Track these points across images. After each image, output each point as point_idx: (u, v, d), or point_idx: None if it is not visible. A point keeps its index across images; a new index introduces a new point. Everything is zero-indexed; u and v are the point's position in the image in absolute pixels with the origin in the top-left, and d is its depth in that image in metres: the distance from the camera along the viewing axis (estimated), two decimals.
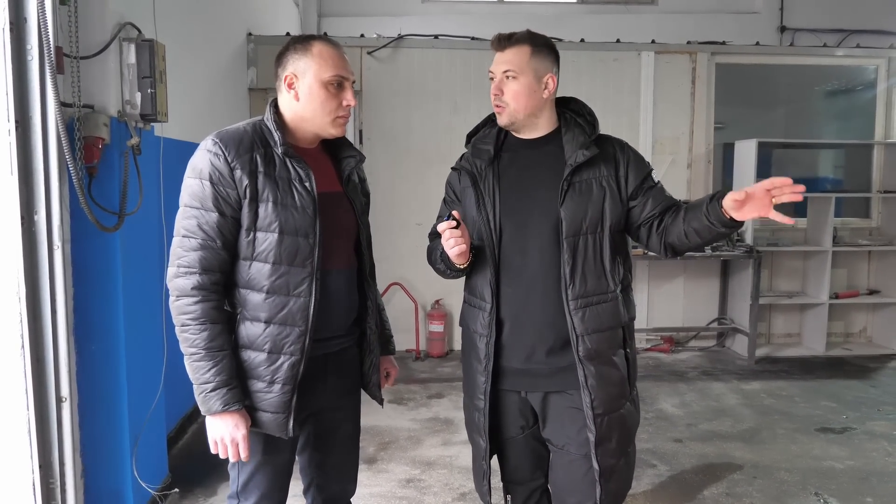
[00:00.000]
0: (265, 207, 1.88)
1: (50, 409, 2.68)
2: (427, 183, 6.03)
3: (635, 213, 2.17)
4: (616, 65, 6.38)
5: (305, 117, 1.98)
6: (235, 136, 1.91)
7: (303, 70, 1.95)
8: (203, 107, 4.68)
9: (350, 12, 8.28)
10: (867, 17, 8.13)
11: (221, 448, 1.91)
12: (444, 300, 6.25)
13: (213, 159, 1.86)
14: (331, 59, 1.95)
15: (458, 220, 2.01)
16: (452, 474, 3.82)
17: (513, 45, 2.10)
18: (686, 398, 5.13)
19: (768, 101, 7.13)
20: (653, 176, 2.21)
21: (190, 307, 1.85)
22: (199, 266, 1.85)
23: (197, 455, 4.02)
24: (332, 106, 1.96)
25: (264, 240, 1.89)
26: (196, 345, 1.85)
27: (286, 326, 1.91)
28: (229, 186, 1.86)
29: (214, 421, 1.89)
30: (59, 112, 2.53)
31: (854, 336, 6.81)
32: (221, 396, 1.85)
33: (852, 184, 7.02)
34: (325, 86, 1.94)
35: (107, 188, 2.98)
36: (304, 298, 1.91)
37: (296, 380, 1.93)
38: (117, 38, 2.99)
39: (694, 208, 2.06)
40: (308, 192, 1.92)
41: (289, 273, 1.90)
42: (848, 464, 3.96)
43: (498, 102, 2.13)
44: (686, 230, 2.07)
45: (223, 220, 1.87)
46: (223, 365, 1.86)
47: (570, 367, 2.11)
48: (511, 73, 2.09)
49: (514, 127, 2.17)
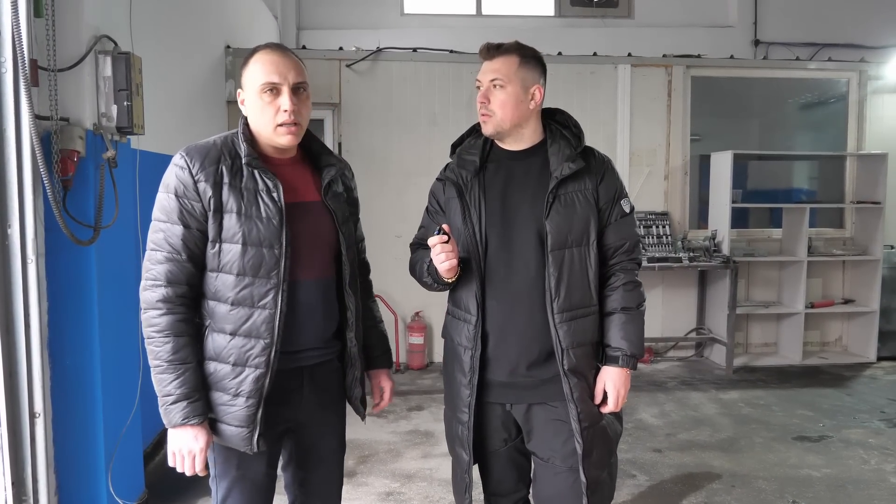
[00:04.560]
0: (229, 218, 1.87)
1: (23, 424, 2.65)
2: (406, 195, 6.05)
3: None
4: (593, 78, 6.44)
5: (257, 129, 1.97)
6: (203, 149, 1.91)
7: (244, 83, 1.96)
8: (181, 119, 4.66)
9: (329, 25, 8.30)
10: (838, 31, 8.30)
11: (179, 460, 1.91)
12: (424, 312, 6.25)
13: (179, 172, 1.87)
14: (262, 67, 1.91)
15: (448, 234, 2.00)
16: (432, 487, 3.81)
17: (501, 54, 2.10)
18: (665, 408, 5.16)
19: (742, 113, 7.23)
20: (622, 205, 2.19)
21: (155, 319, 1.85)
22: (164, 279, 1.85)
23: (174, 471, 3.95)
24: (269, 114, 1.92)
25: (228, 251, 1.88)
26: (159, 357, 1.84)
27: (251, 339, 1.89)
28: (194, 199, 1.86)
29: (175, 433, 1.88)
30: (34, 125, 2.52)
31: (830, 345, 6.89)
32: (182, 409, 1.84)
33: (826, 194, 7.13)
34: (259, 95, 1.92)
35: (82, 201, 2.96)
36: (270, 310, 1.89)
37: (261, 393, 1.90)
38: (93, 51, 2.98)
39: (606, 329, 2.18)
40: (274, 202, 1.90)
41: (253, 284, 1.88)
42: (825, 472, 3.99)
43: (484, 111, 2.11)
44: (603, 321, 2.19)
45: (188, 233, 1.86)
46: (185, 378, 1.85)
47: (553, 380, 2.11)
48: (498, 81, 2.08)
49: (498, 136, 2.16)
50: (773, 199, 7.09)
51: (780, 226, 6.67)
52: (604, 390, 2.15)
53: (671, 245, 6.35)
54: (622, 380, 2.14)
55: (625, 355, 2.13)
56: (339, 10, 8.46)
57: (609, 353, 2.16)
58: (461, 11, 8.82)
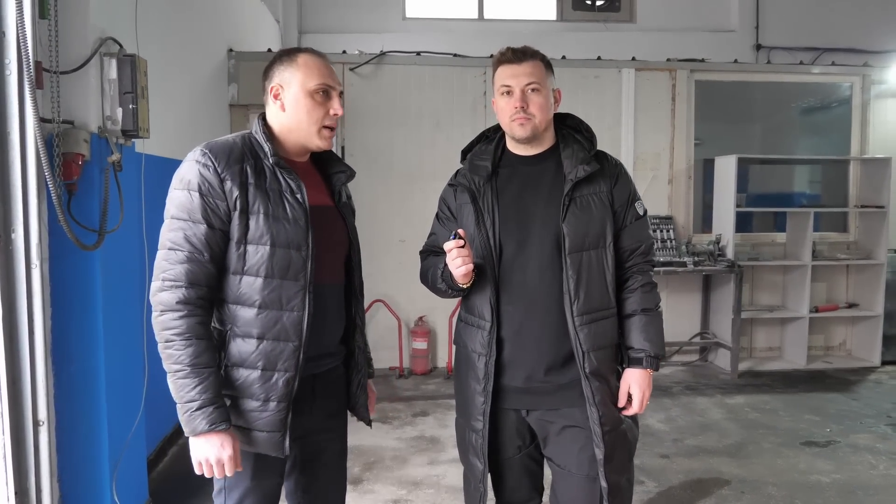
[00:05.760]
0: (256, 220, 1.83)
1: (27, 433, 2.61)
2: (410, 199, 6.02)
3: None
4: (597, 81, 6.42)
5: (292, 128, 1.94)
6: (225, 147, 1.86)
7: (288, 80, 1.92)
8: (184, 123, 4.63)
9: (331, 29, 8.29)
10: (840, 35, 8.30)
11: (207, 469, 1.83)
12: (428, 317, 6.21)
13: (203, 170, 1.81)
14: (316, 69, 1.93)
15: (464, 239, 1.99)
16: (440, 494, 3.76)
17: (530, 58, 2.11)
18: (671, 413, 5.12)
19: (744, 117, 7.22)
20: (636, 207, 2.20)
21: (174, 322, 1.78)
22: (185, 279, 1.79)
23: (178, 478, 3.93)
24: (319, 115, 1.93)
25: (255, 253, 1.84)
26: (181, 361, 1.77)
27: (280, 342, 1.86)
28: (219, 198, 1.81)
29: (199, 441, 1.81)
30: (38, 128, 2.48)
31: (834, 349, 6.86)
32: (207, 415, 1.78)
33: (829, 199, 7.10)
34: (311, 95, 1.91)
35: (87, 205, 2.92)
36: (298, 312, 1.86)
37: (290, 396, 1.88)
38: (98, 53, 2.95)
39: (627, 331, 2.19)
40: (300, 203, 1.88)
41: (281, 287, 1.85)
42: (834, 477, 3.96)
43: (522, 115, 2.09)
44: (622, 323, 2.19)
45: (211, 233, 1.81)
46: (209, 382, 1.79)
47: (570, 385, 2.10)
48: (535, 85, 2.09)
49: (532, 140, 2.15)
50: (776, 204, 7.07)
51: (785, 230, 6.65)
52: (628, 392, 2.14)
53: (675, 249, 6.32)
54: (646, 381, 2.15)
55: (648, 356, 2.14)
56: (341, 14, 8.45)
57: (632, 355, 2.15)
58: (463, 16, 8.80)
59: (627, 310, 2.18)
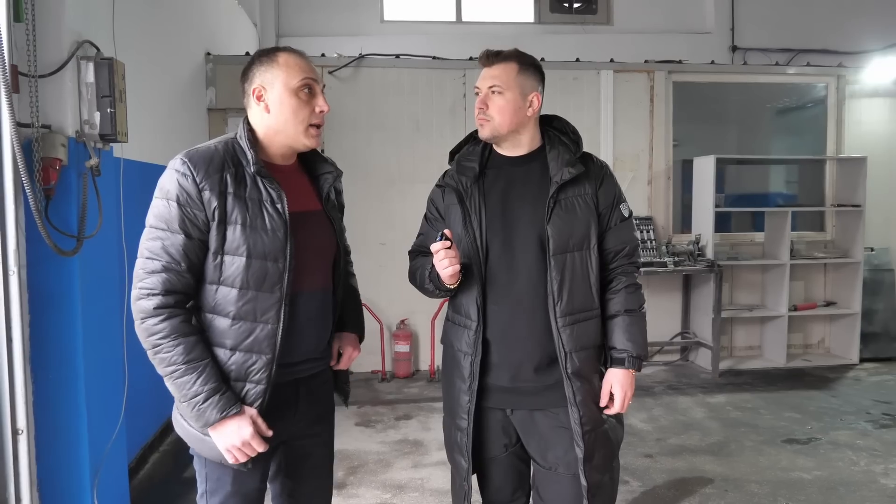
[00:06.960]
0: (233, 230, 1.81)
1: (5, 441, 2.58)
2: (390, 202, 6.02)
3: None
4: (576, 83, 6.45)
5: (278, 129, 1.92)
6: (205, 156, 1.84)
7: (270, 81, 1.89)
8: (162, 127, 4.58)
9: (308, 32, 8.26)
10: (814, 37, 8.40)
11: (237, 454, 1.82)
12: (410, 320, 6.19)
13: (181, 179, 1.79)
14: (297, 66, 1.90)
15: (451, 240, 1.99)
16: (424, 497, 3.75)
17: (500, 61, 2.13)
18: (654, 413, 5.15)
19: (721, 118, 7.29)
20: (621, 209, 2.21)
21: (157, 326, 1.76)
22: (161, 288, 1.77)
23: (159, 485, 3.89)
24: (305, 114, 1.91)
25: (231, 263, 1.82)
26: (174, 362, 1.76)
27: (252, 354, 1.84)
28: (197, 208, 1.79)
29: (217, 432, 1.80)
30: (15, 132, 2.45)
31: (813, 347, 6.94)
32: (216, 404, 1.77)
33: (806, 198, 7.19)
34: (295, 93, 1.89)
35: (65, 211, 2.88)
36: (272, 325, 1.84)
37: (260, 409, 1.85)
38: (75, 57, 2.91)
39: (610, 332, 2.19)
40: (279, 213, 1.85)
41: (256, 298, 1.83)
42: (815, 474, 4.00)
43: (482, 116, 2.13)
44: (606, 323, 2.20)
45: (189, 243, 1.79)
46: (208, 373, 1.78)
47: (555, 385, 2.11)
48: (497, 88, 2.10)
49: (495, 141, 2.18)
50: (754, 204, 7.15)
51: (763, 229, 6.72)
52: (610, 392, 2.15)
53: (656, 250, 6.36)
54: (628, 381, 2.15)
55: (630, 357, 2.15)
56: (319, 17, 8.42)
57: (614, 356, 2.16)
58: (441, 18, 8.81)
59: (611, 310, 2.19)
